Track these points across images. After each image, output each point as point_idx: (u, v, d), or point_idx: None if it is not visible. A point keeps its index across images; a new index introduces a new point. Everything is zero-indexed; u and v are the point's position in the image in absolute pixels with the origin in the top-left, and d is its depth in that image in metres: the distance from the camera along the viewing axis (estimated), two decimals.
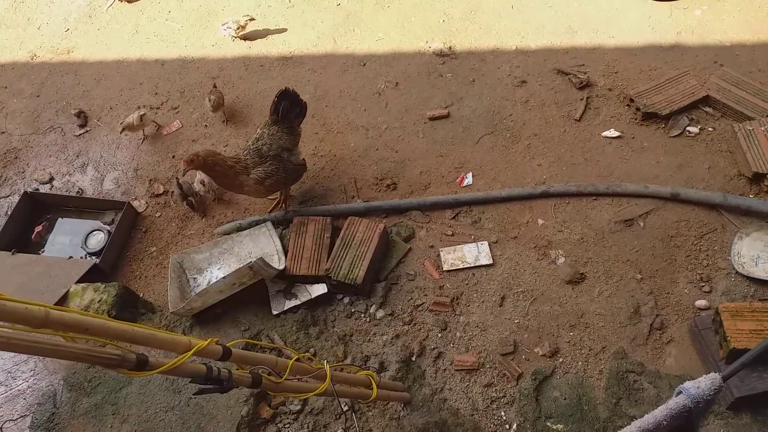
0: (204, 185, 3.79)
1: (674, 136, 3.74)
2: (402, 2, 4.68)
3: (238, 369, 1.90)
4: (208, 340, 1.75)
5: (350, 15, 4.67)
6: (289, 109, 3.43)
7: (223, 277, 3.15)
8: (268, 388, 2.00)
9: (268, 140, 3.41)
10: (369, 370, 2.97)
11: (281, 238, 3.55)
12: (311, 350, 3.17)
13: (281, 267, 3.34)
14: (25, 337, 1.24)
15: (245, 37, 4.66)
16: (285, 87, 3.42)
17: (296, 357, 2.14)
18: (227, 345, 1.85)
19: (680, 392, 1.55)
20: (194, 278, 3.55)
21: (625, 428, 1.51)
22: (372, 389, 2.52)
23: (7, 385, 3.18)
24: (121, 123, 4.10)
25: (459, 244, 3.48)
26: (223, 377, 1.76)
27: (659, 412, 1.49)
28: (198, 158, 3.18)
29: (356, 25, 4.62)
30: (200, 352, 1.71)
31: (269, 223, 3.60)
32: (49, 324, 1.30)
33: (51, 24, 5.15)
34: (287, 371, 2.04)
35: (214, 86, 4.22)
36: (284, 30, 4.72)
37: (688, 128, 3.75)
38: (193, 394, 1.75)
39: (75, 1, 5.25)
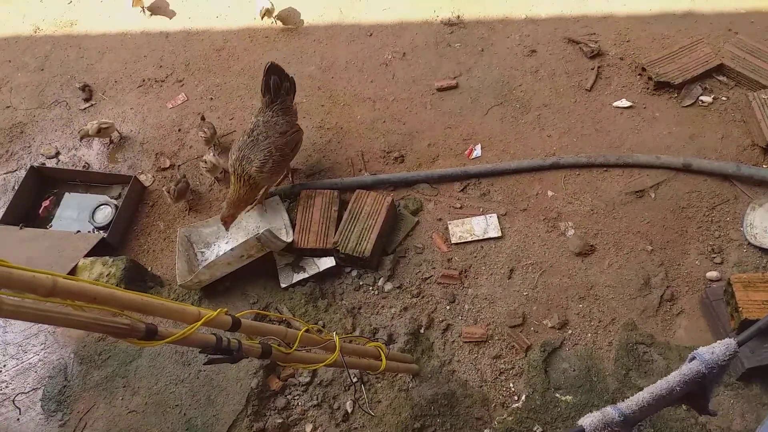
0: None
1: (687, 106, 3.68)
2: None
3: (248, 339, 1.90)
4: (218, 310, 1.75)
5: None
6: (279, 83, 3.31)
7: (231, 249, 3.14)
8: (277, 359, 2.00)
9: (264, 128, 3.30)
10: (378, 342, 2.98)
11: (288, 211, 3.53)
12: (320, 323, 3.17)
13: (289, 240, 3.33)
14: (33, 305, 1.22)
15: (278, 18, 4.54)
16: (270, 62, 3.30)
17: (306, 328, 2.13)
18: (236, 315, 1.85)
19: (694, 358, 1.53)
20: (202, 252, 3.55)
21: (637, 394, 1.50)
22: (381, 361, 2.52)
23: (18, 359, 3.21)
24: (79, 130, 3.98)
25: (467, 217, 3.46)
26: (232, 347, 1.76)
27: (672, 378, 1.48)
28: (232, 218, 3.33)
29: None
30: (210, 323, 1.70)
31: (277, 198, 3.58)
32: (57, 293, 1.29)
33: None
34: (297, 342, 2.04)
35: (203, 118, 3.96)
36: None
37: (701, 98, 3.68)
38: (204, 364, 1.74)
39: None
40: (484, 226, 3.41)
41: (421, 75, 4.08)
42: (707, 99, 3.67)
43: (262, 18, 4.37)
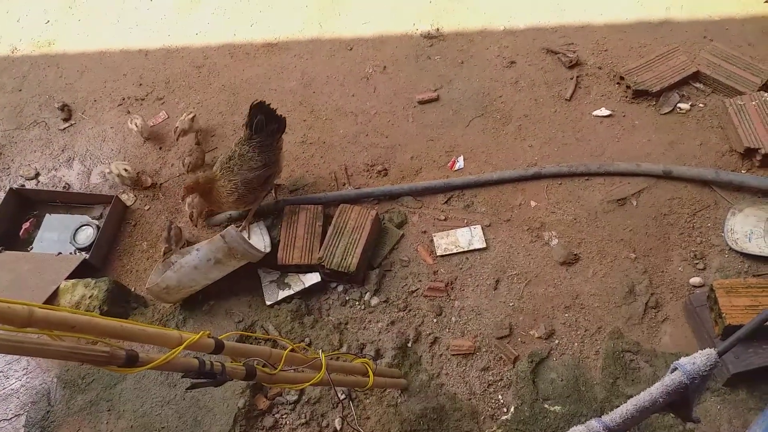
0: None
1: (665, 114, 3.72)
2: None
3: (232, 362, 1.88)
4: (200, 333, 1.72)
5: None
6: (264, 124, 3.24)
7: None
8: (262, 380, 1.98)
9: (238, 161, 3.24)
10: (365, 357, 2.96)
11: (271, 228, 3.51)
12: (306, 339, 3.14)
13: (266, 250, 3.30)
14: (8, 337, 1.20)
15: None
16: (260, 100, 3.23)
17: (291, 347, 2.12)
18: (219, 338, 1.83)
19: (676, 368, 1.54)
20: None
21: (621, 406, 1.50)
22: (369, 377, 2.51)
23: (0, 385, 3.15)
24: (174, 130, 3.87)
25: (452, 229, 3.46)
26: (216, 370, 1.74)
27: (655, 389, 1.48)
28: (198, 185, 3.21)
29: (342, 8, 4.55)
30: (192, 346, 1.68)
31: (261, 223, 3.56)
32: (34, 323, 1.27)
33: (31, 16, 5.05)
34: (282, 362, 2.02)
35: (198, 143, 3.99)
36: None
37: (678, 105, 3.72)
38: (186, 389, 1.72)
39: None
40: (468, 237, 3.42)
41: (402, 88, 4.10)
42: (685, 106, 3.72)
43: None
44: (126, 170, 3.77)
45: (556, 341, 3.10)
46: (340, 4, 4.57)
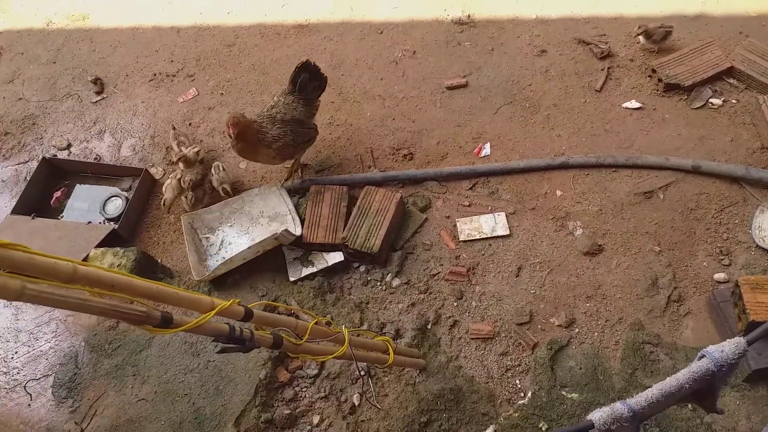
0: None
1: (696, 108, 3.68)
2: None
3: (259, 330, 1.93)
4: (231, 300, 1.77)
5: None
6: (307, 82, 3.41)
7: (248, 247, 3.21)
8: (288, 350, 2.02)
9: (283, 109, 3.38)
10: (385, 336, 3.00)
11: (297, 206, 3.56)
12: (328, 316, 3.19)
13: (298, 233, 3.35)
14: (54, 291, 1.25)
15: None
16: (306, 59, 3.40)
17: (316, 320, 2.16)
18: (249, 306, 1.88)
19: (703, 356, 1.54)
20: (206, 237, 3.58)
21: (647, 390, 1.51)
22: (389, 354, 2.54)
23: (29, 346, 3.24)
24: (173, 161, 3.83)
25: (476, 215, 3.47)
26: (245, 337, 1.79)
27: (682, 375, 1.49)
28: (243, 119, 3.17)
29: None
30: (223, 312, 1.73)
31: (278, 184, 3.62)
32: (77, 279, 1.32)
33: None
34: (307, 333, 2.06)
35: (201, 161, 3.76)
36: None
37: (711, 100, 3.68)
38: (216, 353, 1.77)
39: None
40: (492, 224, 3.43)
41: (431, 73, 4.10)
42: (717, 101, 3.68)
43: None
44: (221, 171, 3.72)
45: (576, 330, 3.11)
46: None
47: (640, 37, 3.86)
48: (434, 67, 4.12)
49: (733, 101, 3.68)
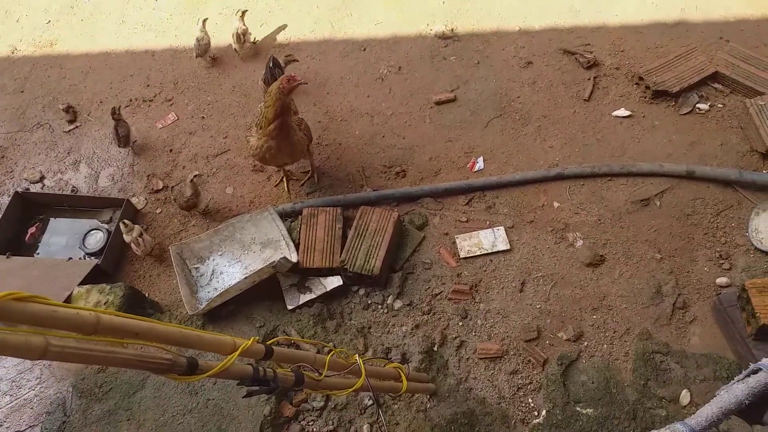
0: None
1: (685, 114, 3.71)
2: None
3: (278, 368, 1.81)
4: (251, 339, 1.66)
5: None
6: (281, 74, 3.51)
7: (245, 277, 3.08)
8: (309, 386, 1.91)
9: None
10: (393, 362, 2.89)
11: (290, 230, 3.44)
12: (330, 344, 3.07)
13: (294, 259, 3.23)
14: (80, 345, 1.12)
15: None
16: (271, 56, 3.65)
17: (333, 351, 2.05)
18: (268, 343, 1.76)
19: (759, 369, 1.49)
20: (196, 267, 3.43)
21: (705, 408, 1.45)
22: (401, 382, 2.44)
23: (12, 395, 3.03)
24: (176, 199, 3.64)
25: (474, 230, 3.41)
26: (268, 377, 1.67)
27: (740, 392, 1.44)
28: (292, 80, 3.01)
29: (353, 9, 4.49)
30: (245, 352, 1.61)
31: (270, 208, 3.48)
32: (100, 329, 1.19)
33: (31, 16, 4.92)
34: (325, 368, 1.95)
35: (192, 180, 3.54)
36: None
37: (698, 105, 3.72)
38: (242, 397, 1.64)
39: None
40: (492, 239, 3.37)
41: (418, 89, 4.04)
42: (704, 106, 3.71)
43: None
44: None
45: (585, 343, 3.06)
46: (351, 4, 4.51)
47: None
48: (421, 82, 4.07)
49: (720, 105, 3.72)
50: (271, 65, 3.49)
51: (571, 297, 3.18)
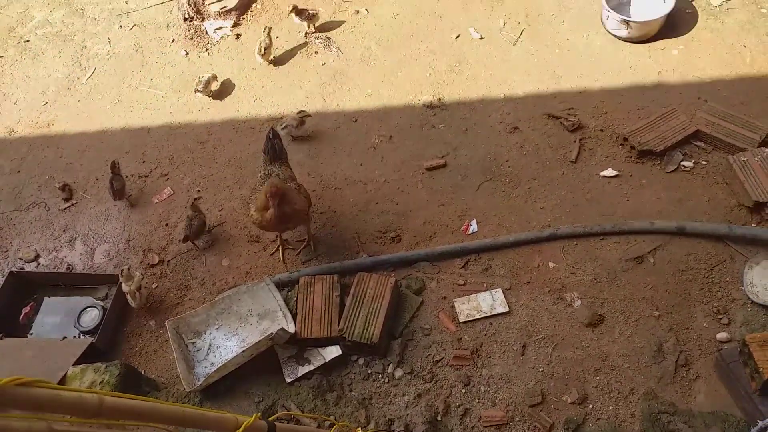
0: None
1: (670, 172, 3.80)
2: (386, 59, 4.74)
3: None
4: (254, 415, 1.63)
5: (337, 73, 4.70)
6: (282, 146, 3.59)
7: (242, 351, 3.04)
8: None
9: (278, 172, 3.47)
10: None
11: (287, 300, 3.42)
12: (331, 417, 3.00)
13: (292, 330, 3.20)
14: (83, 430, 1.11)
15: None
16: (271, 127, 3.75)
17: (336, 425, 2.01)
18: (270, 420, 1.73)
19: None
20: (193, 342, 3.38)
21: None
22: None
23: None
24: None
25: (472, 293, 3.41)
26: None
27: None
28: (278, 183, 3.22)
29: (344, 82, 4.64)
30: (247, 430, 1.58)
31: (267, 278, 3.48)
32: (103, 412, 1.17)
33: (28, 98, 5.04)
34: None
35: (195, 200, 3.90)
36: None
37: (682, 163, 3.81)
38: None
39: (52, 75, 5.16)
40: (490, 301, 3.36)
41: (409, 156, 4.14)
42: (689, 164, 3.81)
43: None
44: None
45: (591, 405, 3.01)
46: (341, 79, 4.66)
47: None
48: (412, 150, 4.17)
49: (704, 162, 3.82)
50: (270, 136, 3.57)
51: (573, 358, 3.15)
